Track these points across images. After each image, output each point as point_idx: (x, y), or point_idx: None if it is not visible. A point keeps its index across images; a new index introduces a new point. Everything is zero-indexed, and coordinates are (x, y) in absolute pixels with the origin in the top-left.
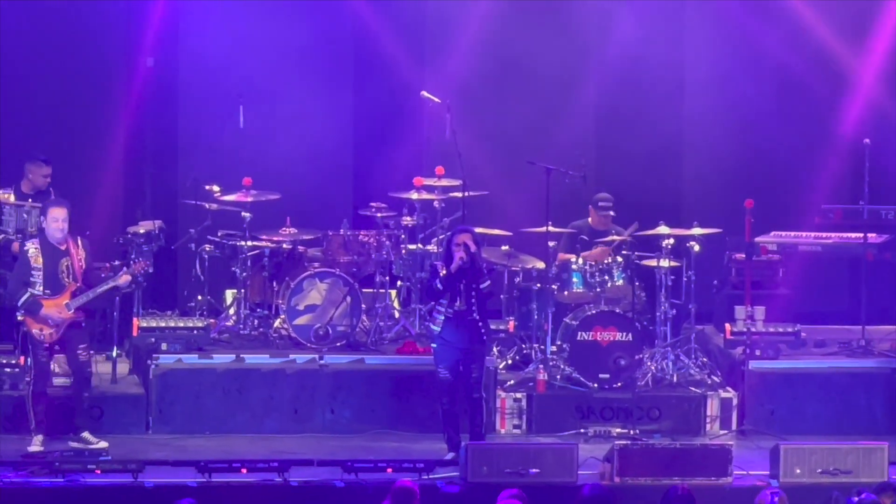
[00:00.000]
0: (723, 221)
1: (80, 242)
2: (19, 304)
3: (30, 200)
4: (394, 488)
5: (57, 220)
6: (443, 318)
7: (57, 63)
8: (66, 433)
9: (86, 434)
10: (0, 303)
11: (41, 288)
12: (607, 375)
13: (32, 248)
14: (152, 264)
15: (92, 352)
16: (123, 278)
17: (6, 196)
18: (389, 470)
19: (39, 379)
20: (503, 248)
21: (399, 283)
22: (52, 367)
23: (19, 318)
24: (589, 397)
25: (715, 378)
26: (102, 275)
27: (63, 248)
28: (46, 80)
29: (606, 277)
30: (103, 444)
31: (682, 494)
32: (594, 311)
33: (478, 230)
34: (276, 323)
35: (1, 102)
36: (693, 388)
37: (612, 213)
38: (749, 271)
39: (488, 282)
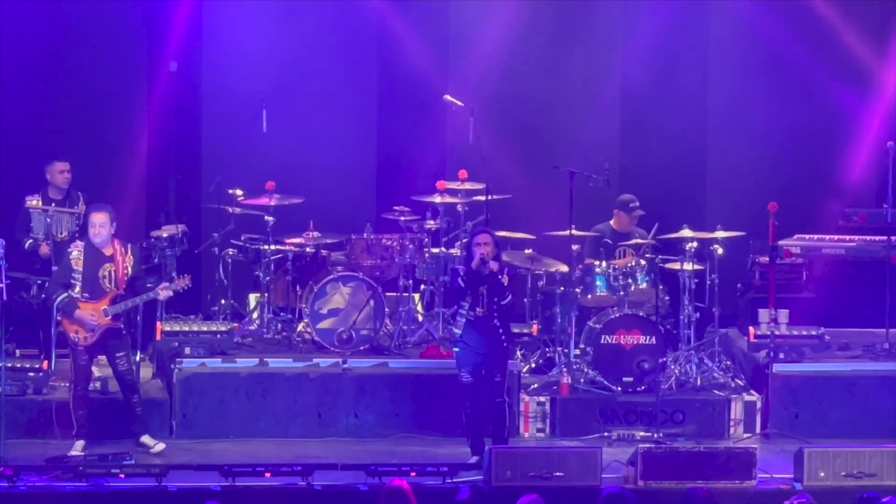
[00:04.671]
0: (746, 224)
1: (129, 249)
2: (56, 303)
3: (53, 205)
4: (385, 488)
5: (94, 224)
6: (464, 321)
7: (80, 68)
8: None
9: (145, 438)
10: (28, 307)
11: (80, 291)
12: (631, 379)
13: (76, 251)
14: (191, 279)
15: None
16: (164, 293)
17: (33, 202)
18: (413, 474)
19: (79, 382)
20: (527, 251)
21: (422, 286)
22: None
23: (57, 318)
24: (613, 401)
25: (739, 381)
26: (147, 284)
27: (108, 253)
28: (69, 85)
29: (630, 281)
30: (161, 446)
31: (703, 496)
32: (618, 315)
33: (501, 234)
34: (300, 327)
35: (24, 108)
36: (717, 392)
37: (641, 211)
38: (773, 274)
39: (510, 297)
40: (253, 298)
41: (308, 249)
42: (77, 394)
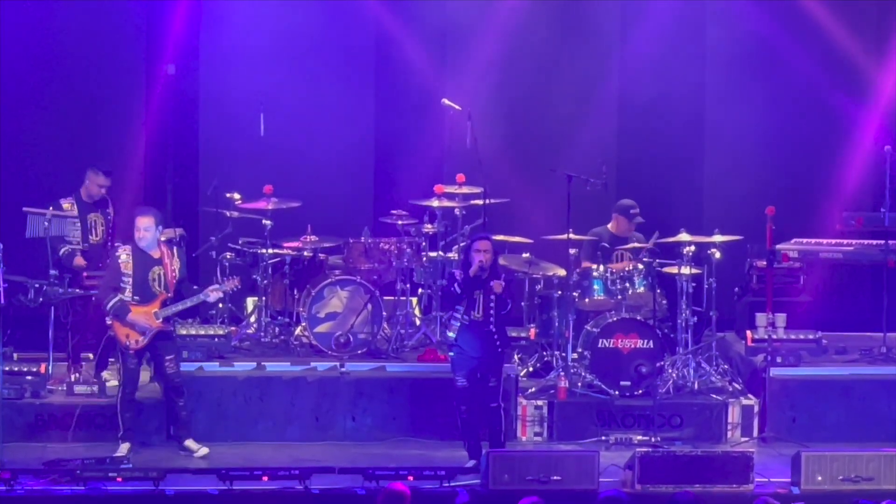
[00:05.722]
0: (744, 228)
1: (175, 252)
2: (108, 307)
3: (51, 209)
4: (384, 491)
5: (139, 228)
6: (458, 324)
7: (78, 71)
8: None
9: (189, 442)
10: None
11: (130, 294)
12: (628, 383)
13: (124, 254)
14: (240, 280)
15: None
16: (214, 294)
17: (66, 205)
18: (410, 477)
19: (128, 385)
20: (524, 255)
21: (420, 290)
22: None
23: (108, 322)
24: (610, 405)
25: (736, 385)
26: (194, 287)
27: (156, 256)
28: (67, 88)
29: (627, 285)
30: (205, 451)
31: (689, 500)
32: (615, 319)
33: (499, 238)
34: (297, 331)
35: (22, 111)
36: (714, 396)
37: (641, 219)
38: (770, 278)
39: (510, 305)
40: (250, 302)
41: (306, 253)
42: (125, 397)
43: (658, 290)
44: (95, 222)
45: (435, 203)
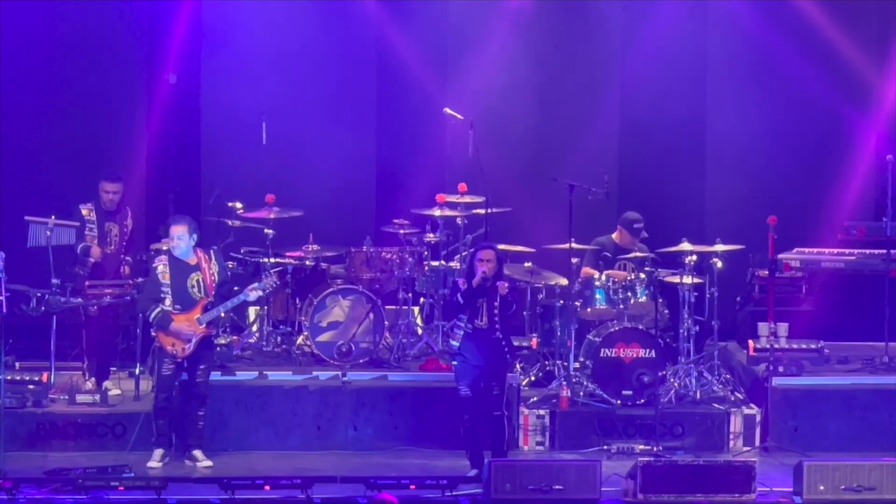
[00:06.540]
0: (746, 238)
1: (213, 256)
2: (150, 319)
3: (53, 217)
4: (373, 500)
5: (172, 237)
6: (462, 333)
7: (79, 80)
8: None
9: (197, 452)
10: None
11: (171, 304)
12: (630, 392)
13: (161, 265)
14: (278, 277)
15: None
16: (254, 293)
17: (84, 210)
18: (412, 487)
19: (161, 392)
20: (526, 264)
21: (422, 299)
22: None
23: (152, 333)
24: (612, 414)
25: (738, 395)
26: (234, 288)
27: (193, 262)
28: (68, 97)
29: (629, 294)
30: (209, 463)
31: None
32: (617, 328)
33: (501, 247)
34: (299, 340)
35: (24, 121)
36: (716, 405)
37: (645, 234)
38: (772, 288)
39: (515, 306)
40: (252, 311)
41: (308, 262)
42: (158, 404)
43: (660, 300)
44: (111, 231)
45: (437, 212)
